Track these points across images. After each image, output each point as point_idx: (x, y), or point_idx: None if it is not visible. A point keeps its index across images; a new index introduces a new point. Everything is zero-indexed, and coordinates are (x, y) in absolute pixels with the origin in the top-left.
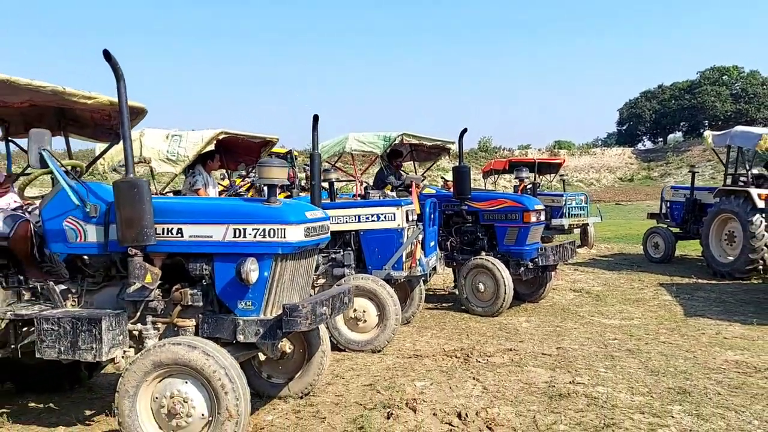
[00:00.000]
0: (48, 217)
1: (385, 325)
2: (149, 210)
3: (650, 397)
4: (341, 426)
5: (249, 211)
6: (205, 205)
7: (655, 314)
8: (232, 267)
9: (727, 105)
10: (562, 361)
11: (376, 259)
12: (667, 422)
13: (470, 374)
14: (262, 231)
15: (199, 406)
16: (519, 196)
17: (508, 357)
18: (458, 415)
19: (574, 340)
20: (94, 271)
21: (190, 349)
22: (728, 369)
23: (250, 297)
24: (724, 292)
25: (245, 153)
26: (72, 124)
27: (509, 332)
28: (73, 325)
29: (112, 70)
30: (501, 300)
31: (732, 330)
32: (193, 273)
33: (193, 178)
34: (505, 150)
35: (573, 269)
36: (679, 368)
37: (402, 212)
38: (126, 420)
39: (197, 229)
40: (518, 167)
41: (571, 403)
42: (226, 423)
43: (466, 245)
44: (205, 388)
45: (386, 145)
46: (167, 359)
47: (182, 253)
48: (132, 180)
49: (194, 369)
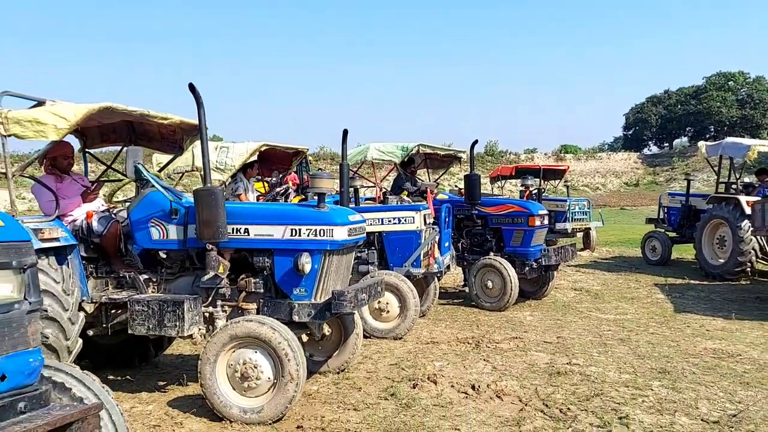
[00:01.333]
0: (135, 218)
1: (406, 316)
2: (224, 213)
3: (635, 375)
4: (375, 393)
5: (304, 215)
6: (268, 209)
7: (647, 310)
8: (290, 260)
9: (732, 110)
10: (561, 347)
11: (397, 258)
12: (646, 393)
13: (481, 356)
14: (314, 231)
15: (266, 371)
16: (525, 202)
17: (513, 344)
18: (472, 387)
19: (572, 331)
20: (171, 263)
21: (261, 324)
22: (705, 354)
23: (304, 285)
24: (713, 292)
25: (279, 162)
26: (141, 137)
27: (515, 324)
28: (160, 307)
29: (194, 99)
30: (507, 296)
31: (714, 323)
32: (257, 265)
33: (235, 184)
34: (512, 154)
35: (575, 270)
36: (662, 354)
37: (420, 216)
38: (207, 382)
39: (261, 229)
40: (524, 175)
41: (568, 379)
42: (288, 384)
43: (475, 246)
44: (271, 356)
45: (404, 155)
46: (242, 333)
47: (248, 249)
48: (210, 188)
49: (263, 341)
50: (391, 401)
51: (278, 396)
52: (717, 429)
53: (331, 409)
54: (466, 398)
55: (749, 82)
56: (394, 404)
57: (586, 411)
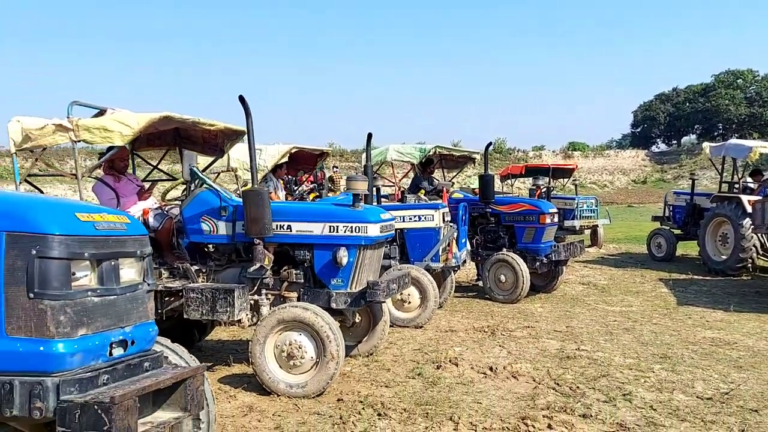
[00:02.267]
0: (188, 215)
1: (427, 306)
2: (269, 211)
3: (638, 360)
4: (403, 373)
5: (341, 213)
6: (309, 208)
7: (651, 303)
8: (328, 254)
9: (741, 108)
10: (570, 335)
11: (417, 253)
12: (648, 375)
13: (497, 343)
14: (350, 228)
15: (309, 351)
16: (536, 201)
17: (526, 332)
18: (490, 368)
19: (580, 321)
20: (219, 255)
21: (305, 310)
22: (704, 342)
23: (341, 276)
24: (714, 286)
25: (304, 162)
26: (185, 141)
27: (527, 315)
28: (213, 294)
29: (243, 110)
30: (519, 289)
31: (714, 315)
32: (298, 258)
33: (266, 184)
34: (520, 152)
35: (582, 266)
36: (664, 341)
37: (439, 214)
38: (257, 361)
39: (302, 226)
40: (534, 173)
41: (576, 362)
42: (329, 363)
43: (489, 243)
44: (314, 338)
45: (422, 156)
46: (288, 317)
47: (290, 243)
48: (258, 189)
49: (307, 324)
50: (418, 380)
51: (320, 373)
52: (710, 404)
53: (365, 386)
54: (485, 378)
55: (758, 80)
56: (421, 382)
57: (594, 389)
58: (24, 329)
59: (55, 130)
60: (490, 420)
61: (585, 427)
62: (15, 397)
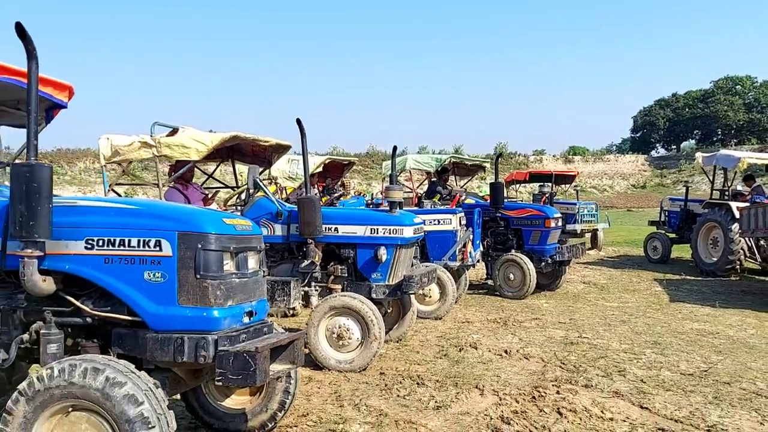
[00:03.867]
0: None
1: (446, 300)
2: (320, 215)
3: (632, 345)
4: (431, 354)
5: (381, 218)
6: (353, 214)
7: (646, 300)
8: (370, 251)
9: (739, 114)
10: (573, 326)
11: (437, 252)
12: (640, 357)
13: (509, 331)
14: (389, 230)
15: (356, 333)
16: (542, 206)
17: (534, 323)
18: (505, 351)
19: (582, 314)
20: (274, 253)
21: (353, 298)
22: (690, 333)
23: (380, 270)
24: (704, 286)
25: (333, 171)
26: (237, 154)
27: (533, 309)
28: (272, 286)
29: (299, 131)
30: (527, 287)
31: (702, 311)
32: (343, 255)
33: (300, 191)
34: (521, 156)
35: (583, 267)
36: (655, 331)
37: (456, 218)
38: (312, 341)
39: (348, 228)
40: (537, 180)
41: (579, 347)
42: (373, 343)
43: (499, 244)
44: (360, 322)
45: (438, 165)
46: (338, 304)
47: (336, 243)
48: (311, 197)
49: (354, 310)
50: (445, 360)
51: (365, 351)
52: (691, 379)
53: (401, 363)
54: (501, 358)
55: (756, 87)
56: (447, 361)
57: (594, 367)
58: (191, 300)
59: (140, 147)
60: (508, 388)
61: (587, 394)
62: (185, 348)
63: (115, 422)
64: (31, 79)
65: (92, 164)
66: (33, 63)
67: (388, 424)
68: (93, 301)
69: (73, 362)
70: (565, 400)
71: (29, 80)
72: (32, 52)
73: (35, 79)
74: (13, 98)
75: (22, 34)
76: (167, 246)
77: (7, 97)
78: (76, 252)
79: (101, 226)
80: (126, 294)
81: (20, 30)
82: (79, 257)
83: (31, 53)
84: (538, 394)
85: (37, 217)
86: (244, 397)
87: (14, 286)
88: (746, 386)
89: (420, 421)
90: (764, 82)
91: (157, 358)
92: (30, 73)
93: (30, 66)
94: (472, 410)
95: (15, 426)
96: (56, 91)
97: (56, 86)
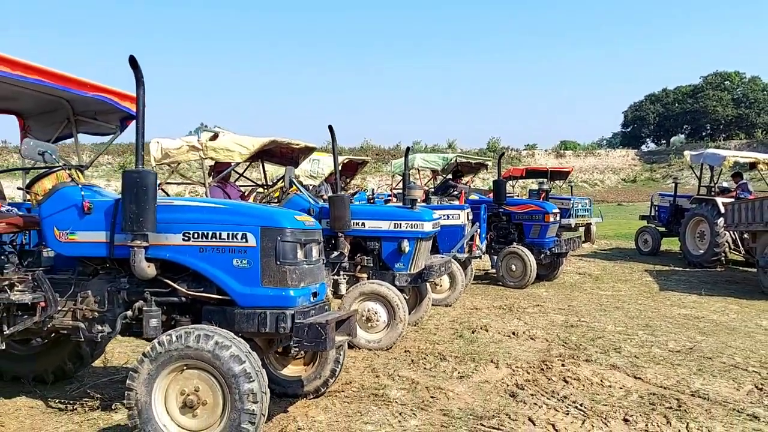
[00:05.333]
0: None
1: (455, 288)
2: (349, 212)
3: (626, 328)
4: (447, 336)
5: (403, 213)
6: (379, 210)
7: (637, 289)
8: (394, 244)
9: (728, 110)
10: (572, 311)
11: (446, 245)
12: (633, 337)
13: (514, 317)
14: (411, 224)
15: (383, 316)
16: (541, 202)
17: (536, 309)
18: (513, 333)
19: (579, 301)
20: None
21: (380, 285)
22: (678, 317)
23: (403, 261)
24: (692, 276)
25: (347, 170)
26: (266, 155)
27: (535, 297)
28: None
29: (330, 136)
30: (528, 277)
31: (689, 298)
32: (369, 247)
33: (319, 188)
34: (513, 150)
35: (578, 259)
36: (647, 316)
37: (465, 214)
38: None
39: (374, 223)
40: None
41: (578, 329)
42: (398, 324)
43: (501, 238)
44: (386, 306)
45: (444, 164)
46: (367, 290)
47: (363, 236)
48: (342, 195)
49: (382, 295)
50: (460, 340)
51: (391, 332)
52: (678, 355)
53: (421, 343)
54: (510, 339)
55: (745, 82)
56: (462, 341)
57: (593, 345)
58: (273, 282)
59: (188, 150)
60: (519, 362)
61: (588, 367)
62: (267, 321)
63: (223, 377)
64: (139, 102)
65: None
66: (141, 89)
67: (421, 390)
68: (187, 284)
69: (189, 330)
70: (569, 371)
71: (137, 103)
72: (141, 80)
73: (143, 102)
74: (92, 110)
75: (134, 64)
76: (252, 238)
77: (87, 108)
78: (175, 243)
79: (196, 221)
80: (218, 277)
81: (133, 61)
82: (177, 247)
83: (140, 81)
84: (546, 366)
85: (145, 214)
86: (299, 367)
87: (116, 271)
88: (726, 360)
89: (447, 388)
90: (753, 77)
91: (244, 329)
92: (138, 97)
93: (138, 92)
94: (491, 379)
95: (140, 382)
96: (126, 102)
97: (126, 98)
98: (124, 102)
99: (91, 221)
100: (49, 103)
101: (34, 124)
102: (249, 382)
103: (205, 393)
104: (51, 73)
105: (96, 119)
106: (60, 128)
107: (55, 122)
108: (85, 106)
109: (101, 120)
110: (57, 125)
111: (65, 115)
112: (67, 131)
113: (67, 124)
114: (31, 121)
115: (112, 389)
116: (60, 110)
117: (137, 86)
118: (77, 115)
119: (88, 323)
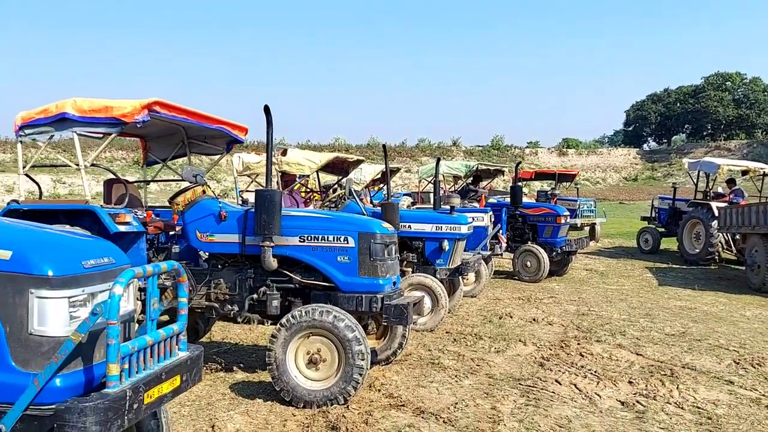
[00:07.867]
0: None
1: (480, 281)
2: (398, 216)
3: (629, 316)
4: (479, 321)
5: (443, 218)
6: (422, 214)
7: (638, 284)
8: (435, 244)
9: (729, 110)
10: (582, 302)
11: (471, 244)
12: (635, 324)
13: (533, 306)
14: (450, 227)
15: (427, 303)
16: (554, 206)
17: (551, 300)
18: (533, 319)
19: (588, 294)
20: None
21: (425, 277)
22: (674, 308)
23: (443, 257)
24: (688, 273)
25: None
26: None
27: (548, 290)
28: None
29: (383, 153)
30: (541, 272)
31: (684, 292)
32: (414, 246)
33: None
34: (516, 148)
35: (584, 257)
36: (647, 307)
37: (488, 216)
38: None
39: (418, 226)
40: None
41: (588, 317)
42: (441, 310)
43: (517, 237)
44: (430, 295)
45: (467, 170)
46: (415, 282)
47: (408, 236)
48: (392, 202)
49: (427, 286)
50: (490, 324)
51: (435, 316)
52: (673, 337)
53: (458, 327)
54: (532, 324)
55: (746, 83)
56: (492, 325)
57: (602, 329)
58: (367, 273)
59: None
60: (542, 342)
61: (598, 345)
62: (363, 302)
63: (340, 342)
64: (269, 138)
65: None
66: (270, 129)
67: (467, 361)
68: (300, 274)
69: (314, 307)
70: (584, 349)
71: (267, 140)
72: (271, 123)
73: (271, 137)
74: (203, 135)
75: (267, 111)
76: (352, 240)
77: (200, 134)
78: (293, 243)
79: (309, 227)
80: (326, 269)
81: (267, 110)
82: (295, 247)
83: (270, 123)
84: (564, 345)
85: (273, 221)
86: (373, 341)
87: (243, 264)
88: (711, 342)
89: (487, 359)
90: (753, 78)
91: (345, 309)
92: (268, 135)
93: (268, 131)
94: (521, 353)
95: (279, 344)
96: (236, 131)
97: (237, 128)
98: (234, 131)
99: (225, 226)
100: (168, 129)
101: (154, 145)
102: (358, 345)
103: (325, 353)
104: (202, 116)
105: (206, 142)
106: (175, 149)
107: (171, 144)
108: (198, 132)
109: (210, 143)
110: (173, 146)
111: (180, 138)
112: (180, 151)
113: (182, 146)
114: (152, 142)
115: (224, 357)
116: (176, 134)
117: (267, 127)
118: (190, 138)
119: (221, 304)
